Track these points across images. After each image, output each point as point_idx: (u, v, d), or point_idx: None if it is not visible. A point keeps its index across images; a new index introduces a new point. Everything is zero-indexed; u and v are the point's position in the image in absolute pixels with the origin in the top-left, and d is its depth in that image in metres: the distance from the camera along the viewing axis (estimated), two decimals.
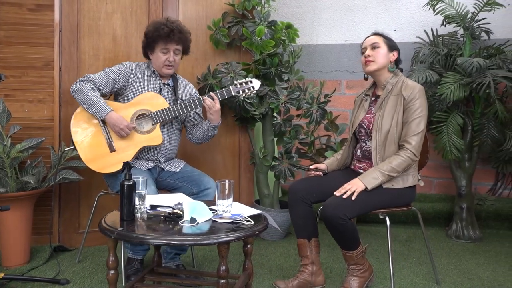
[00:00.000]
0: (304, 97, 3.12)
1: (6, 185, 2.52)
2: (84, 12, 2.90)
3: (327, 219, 2.04)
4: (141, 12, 3.03)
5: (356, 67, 3.75)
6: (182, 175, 2.52)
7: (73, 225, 2.90)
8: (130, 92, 2.50)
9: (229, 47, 3.17)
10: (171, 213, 1.83)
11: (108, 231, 1.66)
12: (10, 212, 2.45)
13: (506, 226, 3.42)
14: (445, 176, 3.60)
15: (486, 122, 3.13)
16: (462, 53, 3.19)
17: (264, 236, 3.20)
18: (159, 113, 2.44)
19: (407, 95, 2.15)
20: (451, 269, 2.66)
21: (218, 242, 1.61)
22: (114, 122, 2.36)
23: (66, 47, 2.86)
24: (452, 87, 2.96)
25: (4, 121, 2.59)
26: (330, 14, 3.82)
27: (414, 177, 2.22)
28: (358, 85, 3.74)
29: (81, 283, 2.36)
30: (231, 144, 3.24)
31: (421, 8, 3.52)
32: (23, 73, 2.83)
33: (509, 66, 3.06)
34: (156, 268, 2.09)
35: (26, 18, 2.81)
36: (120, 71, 2.49)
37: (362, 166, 2.30)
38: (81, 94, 2.38)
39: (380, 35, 2.27)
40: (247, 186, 3.27)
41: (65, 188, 2.87)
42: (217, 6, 3.16)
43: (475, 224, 3.24)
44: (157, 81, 2.55)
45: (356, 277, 2.20)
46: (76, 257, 2.70)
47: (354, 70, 3.76)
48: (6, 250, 2.57)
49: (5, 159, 2.49)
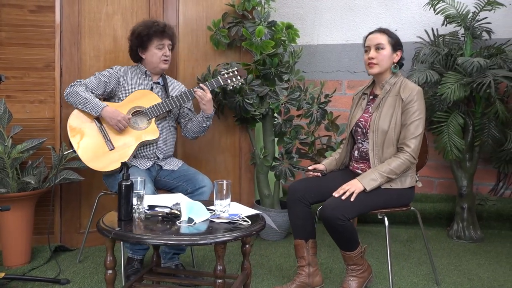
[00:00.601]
0: (305, 98, 3.12)
1: (7, 186, 2.54)
2: (85, 13, 2.92)
3: (326, 219, 2.04)
4: (142, 13, 3.04)
5: (357, 67, 3.75)
6: (179, 174, 2.54)
7: (74, 225, 2.92)
8: (122, 93, 2.56)
9: (229, 47, 3.18)
10: (169, 213, 1.83)
11: (106, 231, 1.67)
12: (11, 212, 2.47)
13: (507, 227, 3.41)
14: (446, 176, 3.59)
15: (487, 122, 3.12)
16: (463, 53, 3.18)
17: (265, 237, 3.20)
18: (152, 108, 2.49)
19: (405, 97, 2.14)
20: (451, 269, 2.65)
21: (214, 242, 1.61)
22: (111, 115, 2.41)
23: (67, 48, 2.88)
24: (453, 87, 2.95)
25: (5, 122, 2.61)
26: (331, 14, 3.82)
27: (412, 178, 2.22)
28: (359, 85, 3.71)
29: (81, 283, 2.37)
30: (232, 144, 3.25)
31: (422, 8, 3.51)
32: (25, 74, 2.85)
33: (510, 65, 3.05)
34: (155, 268, 2.10)
35: (27, 20, 2.84)
36: (110, 74, 2.56)
37: (360, 167, 2.29)
38: (74, 95, 2.43)
39: (384, 32, 2.22)
40: (247, 187, 3.28)
41: (66, 189, 2.89)
42: (217, 7, 3.17)
43: (476, 225, 3.23)
44: (148, 81, 2.63)
45: (355, 277, 2.20)
46: (77, 257, 2.71)
47: (355, 70, 3.76)
48: (7, 250, 2.59)
49: (6, 160, 2.50)
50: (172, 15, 3.09)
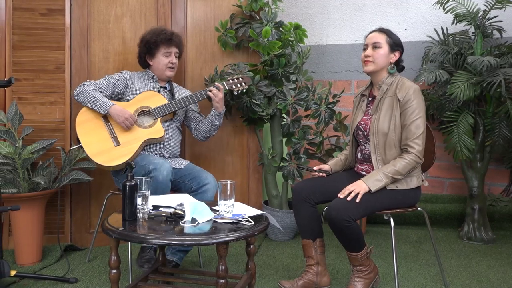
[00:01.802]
0: (313, 98, 3.11)
1: (18, 186, 2.59)
2: (94, 16, 2.96)
3: (332, 221, 2.04)
4: (150, 15, 3.07)
5: None
6: (184, 172, 2.57)
7: (84, 225, 2.96)
8: (130, 95, 2.64)
9: (237, 48, 3.19)
10: (173, 213, 1.85)
11: (110, 230, 1.69)
12: (21, 212, 2.51)
13: None
14: (457, 177, 3.54)
15: (498, 121, 3.08)
16: (474, 52, 3.14)
17: (273, 237, 3.20)
18: (159, 108, 2.57)
19: (401, 97, 2.13)
20: (461, 271, 2.62)
21: (216, 242, 1.63)
22: (118, 113, 2.48)
23: (77, 50, 2.93)
24: (462, 86, 2.91)
25: (17, 123, 2.66)
26: (339, 14, 3.81)
27: (418, 178, 2.20)
28: None
29: (90, 282, 2.41)
30: (240, 145, 3.26)
31: (432, 6, 3.47)
32: (36, 76, 2.90)
33: None
34: (160, 268, 2.11)
35: (38, 23, 2.89)
36: (119, 77, 2.66)
37: (364, 168, 2.29)
38: (84, 94, 2.51)
39: (384, 32, 2.22)
40: (256, 187, 3.29)
41: (76, 189, 2.93)
42: (225, 8, 3.18)
43: (487, 226, 3.18)
44: (155, 85, 2.72)
45: (361, 278, 2.19)
46: (86, 257, 2.75)
47: None
48: (19, 249, 2.64)
49: (17, 160, 2.55)
50: (180, 17, 3.12)
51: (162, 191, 2.28)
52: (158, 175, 2.27)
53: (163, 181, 2.27)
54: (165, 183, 2.29)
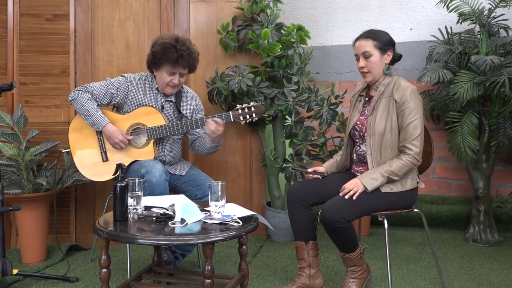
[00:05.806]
0: (315, 99, 3.11)
1: (22, 187, 2.66)
2: (98, 20, 3.02)
3: (326, 222, 2.04)
4: (153, 19, 3.11)
5: None
6: (188, 178, 2.56)
7: (88, 225, 3.02)
8: (130, 106, 2.54)
9: (239, 50, 3.21)
10: (163, 214, 1.88)
11: (99, 230, 1.73)
12: (25, 212, 2.59)
13: None
14: (465, 178, 3.48)
15: (502, 121, 3.02)
16: (479, 51, 3.09)
17: (275, 238, 3.21)
18: (153, 129, 2.46)
19: (398, 98, 2.11)
20: (462, 273, 2.58)
21: (202, 243, 1.65)
22: (111, 135, 2.43)
23: (81, 54, 2.99)
24: (466, 86, 2.87)
25: (22, 126, 2.73)
26: (344, 15, 3.79)
27: (413, 180, 2.18)
28: None
29: (90, 281, 2.46)
30: (242, 146, 3.28)
31: (436, 6, 3.43)
32: (42, 80, 2.98)
33: None
34: (154, 268, 2.15)
35: (43, 28, 2.97)
36: (120, 85, 2.51)
37: (359, 169, 2.28)
38: (78, 104, 2.45)
39: (368, 37, 2.17)
40: (258, 188, 3.30)
41: (80, 189, 2.99)
42: (227, 11, 3.21)
43: (493, 228, 3.12)
44: (159, 98, 2.57)
45: (355, 279, 2.18)
46: (89, 256, 2.81)
47: None
48: (24, 248, 2.71)
49: (21, 162, 2.62)
50: (183, 20, 3.15)
51: (159, 192, 2.27)
52: (152, 178, 2.25)
53: (157, 183, 2.26)
54: (160, 184, 2.27)
